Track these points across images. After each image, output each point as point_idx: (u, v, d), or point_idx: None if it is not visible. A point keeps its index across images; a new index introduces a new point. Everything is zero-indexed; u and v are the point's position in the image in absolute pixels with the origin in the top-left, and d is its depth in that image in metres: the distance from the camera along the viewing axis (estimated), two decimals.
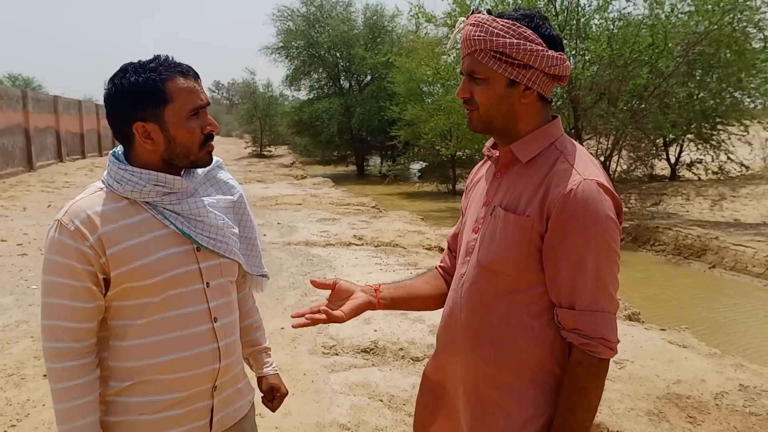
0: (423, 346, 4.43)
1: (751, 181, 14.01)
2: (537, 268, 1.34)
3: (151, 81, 1.36)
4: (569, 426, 1.31)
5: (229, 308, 1.54)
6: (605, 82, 11.39)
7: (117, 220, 1.38)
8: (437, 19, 14.17)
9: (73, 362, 1.36)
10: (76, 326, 1.36)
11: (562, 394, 1.33)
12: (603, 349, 1.28)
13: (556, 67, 1.32)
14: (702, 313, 7.02)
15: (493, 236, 1.38)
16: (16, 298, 5.71)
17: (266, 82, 34.65)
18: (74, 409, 1.35)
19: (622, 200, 1.34)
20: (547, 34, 1.33)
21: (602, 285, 1.28)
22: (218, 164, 1.61)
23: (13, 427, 3.35)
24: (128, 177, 1.40)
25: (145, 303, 1.39)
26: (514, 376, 1.38)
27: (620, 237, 1.32)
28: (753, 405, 3.60)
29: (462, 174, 19.62)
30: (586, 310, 1.28)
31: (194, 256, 1.46)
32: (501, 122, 1.39)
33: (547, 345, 1.36)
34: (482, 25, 1.33)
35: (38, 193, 13.73)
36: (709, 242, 9.14)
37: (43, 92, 25.46)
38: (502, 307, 1.38)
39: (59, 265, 1.35)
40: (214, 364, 1.48)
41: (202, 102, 1.43)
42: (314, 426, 3.35)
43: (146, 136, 1.39)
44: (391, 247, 8.47)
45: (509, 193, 1.38)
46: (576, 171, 1.29)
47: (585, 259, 1.27)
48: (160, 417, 1.43)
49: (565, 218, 1.26)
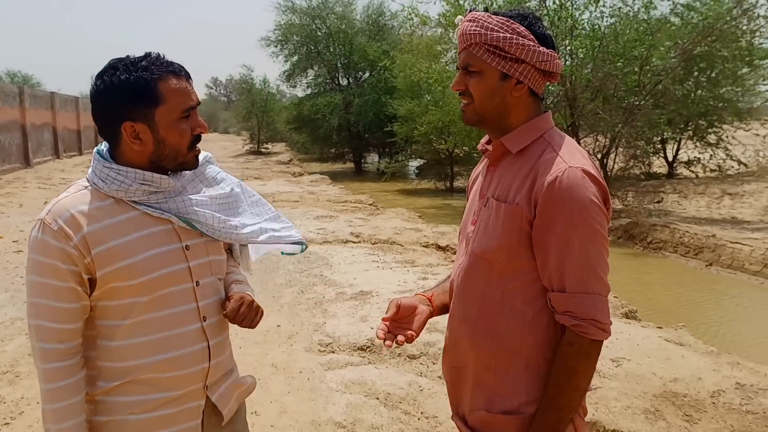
0: (419, 344, 4.41)
1: (749, 179, 14.02)
2: (528, 254, 1.38)
3: (143, 80, 1.32)
4: (557, 404, 1.35)
5: (218, 307, 1.51)
6: (600, 80, 11.40)
7: (102, 219, 1.34)
8: (431, 20, 14.17)
9: (58, 363, 1.34)
10: (61, 327, 1.34)
11: (551, 373, 1.37)
12: (594, 330, 1.32)
13: (546, 62, 1.39)
14: (699, 311, 7.02)
15: (487, 226, 1.44)
16: (11, 295, 5.70)
17: (263, 78, 34.59)
18: (60, 410, 1.34)
19: (618, 197, 1.36)
20: (539, 32, 1.41)
21: (590, 267, 1.32)
22: (207, 159, 1.58)
23: (7, 425, 3.34)
24: (114, 176, 1.37)
25: (132, 303, 1.37)
26: (508, 363, 1.43)
27: (608, 223, 1.37)
28: (750, 403, 3.59)
29: (460, 171, 19.63)
30: (576, 293, 1.32)
31: (183, 254, 1.43)
32: (493, 115, 1.45)
33: (541, 331, 1.40)
34: (478, 21, 1.40)
35: (35, 189, 13.69)
36: (706, 240, 9.15)
37: (40, 89, 25.38)
38: (497, 295, 1.43)
39: (43, 265, 1.33)
40: (204, 363, 1.46)
41: (194, 103, 1.40)
42: (310, 424, 3.34)
43: (135, 136, 1.36)
44: (389, 244, 8.46)
45: (500, 184, 1.45)
46: (562, 159, 1.35)
47: (571, 243, 1.31)
48: (150, 417, 1.41)
49: (552, 204, 1.31)
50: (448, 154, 18.99)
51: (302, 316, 5.14)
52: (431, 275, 6.56)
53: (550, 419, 1.36)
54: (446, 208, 15.38)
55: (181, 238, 1.43)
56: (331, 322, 4.99)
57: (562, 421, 1.36)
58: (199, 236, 1.46)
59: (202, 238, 1.47)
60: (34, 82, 53.35)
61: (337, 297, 5.72)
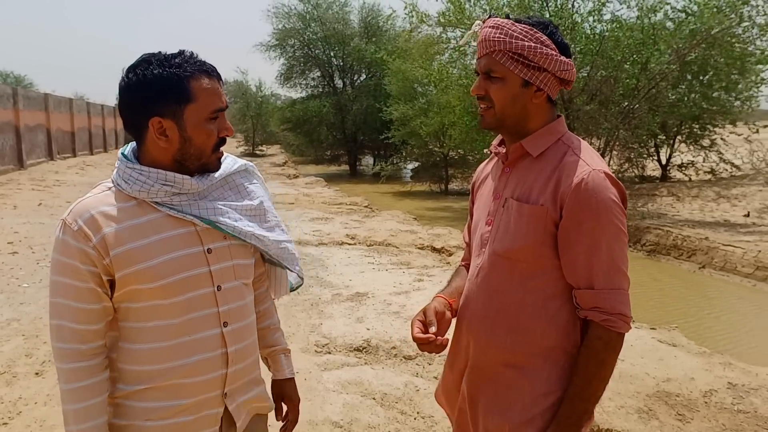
0: (415, 345, 4.43)
1: (741, 182, 14.12)
2: (552, 254, 1.43)
3: (176, 77, 1.31)
4: (584, 395, 1.40)
5: (242, 312, 1.47)
6: (597, 83, 11.48)
7: (122, 220, 1.33)
8: (431, 19, 14.20)
9: (79, 363, 1.33)
10: (81, 328, 1.33)
11: (579, 366, 1.41)
12: (621, 323, 1.39)
13: (566, 71, 1.45)
14: (691, 312, 7.08)
15: (507, 226, 1.48)
16: (7, 296, 5.68)
17: (258, 82, 34.62)
18: (80, 411, 1.32)
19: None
20: (560, 41, 1.45)
21: (616, 265, 1.39)
22: (245, 167, 1.55)
23: (5, 425, 3.34)
24: (136, 176, 1.35)
25: (153, 306, 1.35)
26: (528, 357, 1.47)
27: (626, 220, 1.43)
28: (741, 403, 3.64)
29: (454, 174, 19.68)
30: (605, 289, 1.38)
31: (204, 258, 1.39)
32: (513, 120, 1.49)
33: (562, 326, 1.45)
34: (502, 28, 1.43)
35: (29, 191, 13.63)
36: (699, 242, 9.22)
37: (33, 90, 25.26)
38: (519, 292, 1.47)
39: (63, 265, 1.31)
40: (222, 369, 1.43)
41: (223, 105, 1.38)
42: (307, 424, 3.35)
43: (161, 132, 1.33)
44: (384, 246, 8.49)
45: (519, 186, 1.48)
46: (585, 162, 1.41)
47: (599, 243, 1.37)
48: (168, 423, 1.39)
49: (579, 206, 1.37)
50: (443, 157, 19.04)
51: (298, 317, 5.16)
52: (426, 277, 6.59)
53: (578, 409, 1.40)
54: (441, 210, 15.41)
55: (202, 241, 1.40)
56: (327, 323, 5.01)
57: (588, 411, 1.41)
58: (222, 239, 1.42)
59: (225, 241, 1.43)
60: (27, 83, 53.11)
61: (333, 298, 5.74)
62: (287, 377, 1.75)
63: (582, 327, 1.45)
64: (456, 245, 8.79)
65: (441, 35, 15.14)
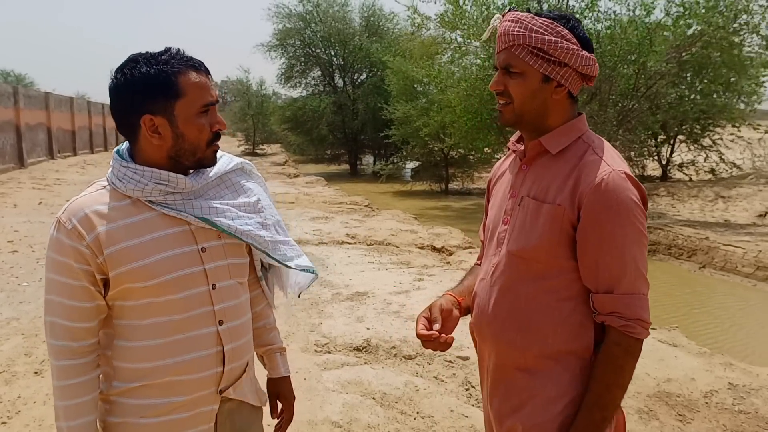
0: (415, 345, 4.43)
1: (742, 182, 14.12)
2: (568, 255, 1.39)
3: (164, 73, 1.31)
4: (603, 403, 1.36)
5: (237, 311, 1.48)
6: (596, 82, 11.46)
7: (116, 219, 1.33)
8: (431, 20, 14.21)
9: (70, 361, 1.34)
10: (74, 325, 1.34)
11: (596, 372, 1.37)
12: (640, 329, 1.33)
13: (588, 66, 1.39)
14: (692, 312, 7.07)
15: (524, 225, 1.44)
16: (7, 295, 5.68)
17: (259, 80, 34.62)
18: (71, 408, 1.34)
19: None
20: (582, 36, 1.40)
21: (637, 269, 1.34)
22: (239, 166, 1.55)
23: (3, 424, 3.34)
24: (130, 175, 1.35)
25: (147, 304, 1.35)
26: (538, 359, 1.43)
27: (646, 222, 1.38)
28: (742, 403, 3.63)
29: (455, 173, 19.68)
30: (625, 294, 1.33)
31: (199, 257, 1.40)
32: (533, 116, 1.44)
33: (575, 328, 1.40)
34: (521, 22, 1.39)
35: (29, 190, 13.63)
36: (700, 242, 9.21)
37: (34, 89, 25.25)
38: (531, 292, 1.43)
39: (57, 263, 1.32)
40: (217, 367, 1.43)
41: (213, 99, 1.38)
42: (306, 424, 3.35)
43: (154, 130, 1.34)
44: (384, 245, 8.48)
45: (537, 184, 1.44)
46: (605, 162, 1.36)
47: (620, 246, 1.32)
48: (162, 420, 1.39)
49: (599, 207, 1.32)
50: (443, 156, 19.03)
51: (298, 317, 5.15)
52: (427, 276, 6.59)
53: (596, 418, 1.35)
54: (441, 210, 15.41)
55: (196, 240, 1.40)
56: (327, 322, 5.01)
57: (606, 420, 1.36)
58: (216, 238, 1.43)
59: (220, 240, 1.43)
60: (28, 82, 53.10)
61: (333, 298, 5.74)
62: (283, 375, 1.76)
63: (594, 330, 1.40)
64: (456, 245, 8.78)
65: (443, 35, 15.15)
